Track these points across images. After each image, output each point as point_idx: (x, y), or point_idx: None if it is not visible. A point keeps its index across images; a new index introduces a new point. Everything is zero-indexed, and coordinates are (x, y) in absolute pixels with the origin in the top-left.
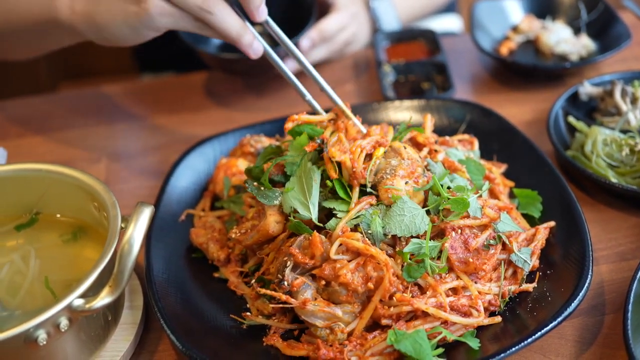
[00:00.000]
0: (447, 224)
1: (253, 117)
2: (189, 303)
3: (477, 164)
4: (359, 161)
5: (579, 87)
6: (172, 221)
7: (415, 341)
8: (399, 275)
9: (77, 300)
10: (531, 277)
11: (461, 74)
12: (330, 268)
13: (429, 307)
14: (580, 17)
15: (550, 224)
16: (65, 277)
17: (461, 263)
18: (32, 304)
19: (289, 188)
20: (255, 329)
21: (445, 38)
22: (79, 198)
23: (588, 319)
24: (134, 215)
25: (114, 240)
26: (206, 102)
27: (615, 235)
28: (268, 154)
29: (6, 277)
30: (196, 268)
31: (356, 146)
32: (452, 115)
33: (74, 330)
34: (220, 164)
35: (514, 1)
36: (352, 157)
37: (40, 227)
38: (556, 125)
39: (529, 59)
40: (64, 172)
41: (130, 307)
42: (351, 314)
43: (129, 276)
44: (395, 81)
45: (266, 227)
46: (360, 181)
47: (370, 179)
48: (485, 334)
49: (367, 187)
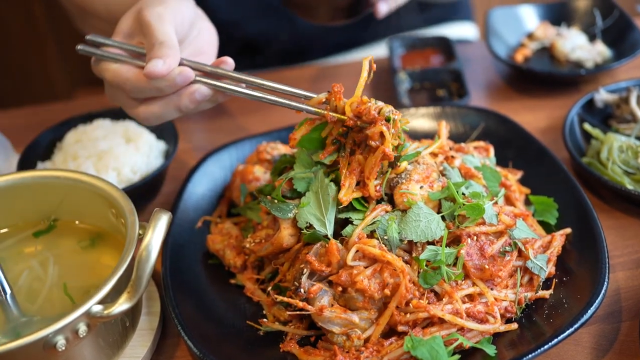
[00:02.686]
0: (463, 231)
1: (269, 124)
2: (205, 309)
3: (493, 171)
4: (371, 184)
5: (595, 94)
6: (189, 228)
7: (432, 348)
8: (415, 281)
9: (96, 307)
10: (547, 284)
11: (476, 81)
12: (347, 274)
13: (445, 313)
14: (596, 24)
15: (566, 231)
16: (84, 284)
17: (477, 270)
18: (51, 310)
19: (304, 203)
20: (272, 335)
21: (461, 45)
22: (97, 205)
23: (604, 326)
24: (152, 222)
25: (131, 247)
26: (223, 109)
27: (632, 242)
28: (282, 164)
29: (25, 283)
30: (213, 274)
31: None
32: (468, 122)
33: (92, 336)
34: (236, 171)
35: (529, 8)
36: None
37: (58, 234)
38: (572, 132)
39: (544, 66)
40: (82, 179)
41: (148, 313)
42: (368, 321)
43: (146, 283)
44: (411, 88)
45: (280, 241)
46: (376, 197)
47: (386, 190)
48: (502, 341)
49: (384, 199)
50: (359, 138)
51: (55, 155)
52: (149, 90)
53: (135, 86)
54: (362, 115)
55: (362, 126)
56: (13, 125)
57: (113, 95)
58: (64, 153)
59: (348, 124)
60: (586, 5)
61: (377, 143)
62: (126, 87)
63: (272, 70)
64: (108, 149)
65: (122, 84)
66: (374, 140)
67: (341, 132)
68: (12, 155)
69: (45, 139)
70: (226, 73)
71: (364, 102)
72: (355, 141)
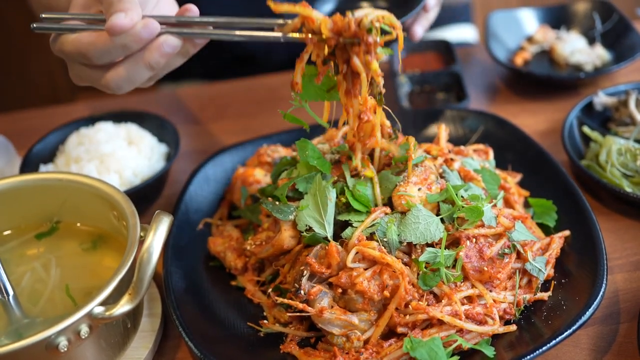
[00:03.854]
0: (462, 233)
1: (270, 127)
2: (206, 311)
3: (492, 174)
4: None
5: (594, 97)
6: (190, 230)
7: (431, 349)
8: (415, 283)
9: (98, 308)
10: (546, 285)
11: (476, 84)
12: (346, 276)
13: (445, 315)
14: (595, 27)
15: (565, 233)
16: (86, 285)
17: (476, 272)
18: (53, 312)
19: (303, 206)
20: (272, 336)
21: (460, 48)
22: (98, 207)
23: (603, 327)
24: (153, 224)
25: (133, 249)
26: (224, 112)
27: (631, 244)
28: (283, 166)
29: (27, 284)
30: (214, 276)
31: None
32: (467, 125)
33: (94, 337)
34: (237, 174)
35: (528, 12)
36: None
37: (60, 236)
38: (571, 135)
39: (543, 69)
40: (84, 182)
41: (149, 314)
42: (367, 322)
43: (148, 284)
44: (411, 91)
45: (281, 242)
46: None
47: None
48: (501, 342)
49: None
50: (344, 58)
51: (57, 158)
52: (114, 49)
53: (99, 48)
54: (343, 32)
55: (347, 42)
56: (16, 128)
57: (78, 73)
58: (66, 156)
59: (330, 43)
60: (586, 9)
61: (362, 65)
62: (89, 52)
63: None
64: (110, 151)
65: (85, 50)
66: (360, 61)
67: (329, 51)
68: (14, 158)
69: (47, 142)
70: (192, 20)
71: (340, 18)
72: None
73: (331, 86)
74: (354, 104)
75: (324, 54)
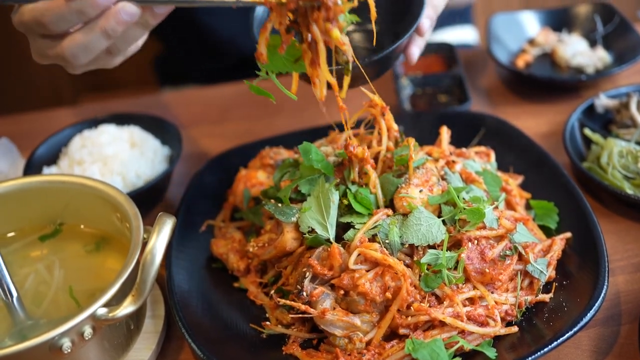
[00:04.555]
0: (464, 235)
1: (272, 130)
2: (209, 312)
3: (493, 176)
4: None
5: (595, 99)
6: (193, 232)
7: (433, 350)
8: (417, 285)
9: (101, 309)
10: (547, 287)
11: (478, 86)
12: (348, 278)
13: (446, 316)
14: (596, 29)
15: (566, 235)
16: (89, 287)
17: (478, 273)
18: (57, 313)
19: (306, 208)
20: (275, 338)
21: (462, 51)
22: (102, 209)
23: (604, 329)
24: (156, 226)
25: (136, 251)
26: (226, 115)
27: (632, 246)
28: (285, 168)
29: (31, 286)
30: (216, 278)
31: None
32: (469, 127)
33: (97, 338)
34: (240, 176)
35: (530, 14)
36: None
37: (64, 238)
38: (572, 137)
39: (545, 71)
40: (87, 184)
41: (152, 316)
42: (369, 324)
43: (151, 286)
44: (413, 94)
45: (283, 244)
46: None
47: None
48: (502, 344)
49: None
50: (307, 26)
51: (60, 160)
52: (69, 14)
53: (55, 14)
54: None
55: (307, 6)
56: (19, 131)
57: (39, 47)
58: (69, 158)
59: (290, 7)
60: (587, 11)
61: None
62: (44, 18)
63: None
64: (113, 154)
65: (40, 16)
66: (320, 28)
67: (291, 18)
68: (18, 160)
69: (51, 144)
70: None
71: None
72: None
73: (298, 57)
74: (320, 74)
75: (287, 21)
